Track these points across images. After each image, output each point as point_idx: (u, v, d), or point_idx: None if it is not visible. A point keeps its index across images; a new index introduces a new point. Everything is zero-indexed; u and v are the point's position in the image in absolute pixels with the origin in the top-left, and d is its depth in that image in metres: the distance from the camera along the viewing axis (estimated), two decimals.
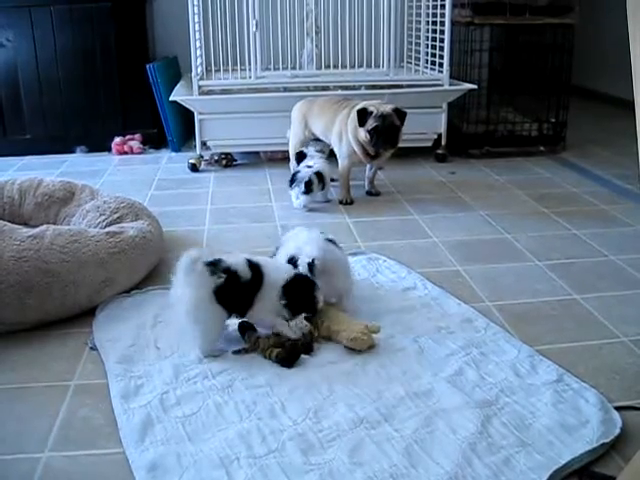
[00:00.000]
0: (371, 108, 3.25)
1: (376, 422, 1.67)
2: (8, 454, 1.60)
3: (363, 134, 3.28)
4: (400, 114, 3.29)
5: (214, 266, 1.95)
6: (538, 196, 3.51)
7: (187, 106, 4.03)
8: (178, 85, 4.34)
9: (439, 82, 4.13)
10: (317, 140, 3.66)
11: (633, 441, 1.59)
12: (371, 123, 3.24)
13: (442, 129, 4.18)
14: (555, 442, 1.58)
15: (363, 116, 3.25)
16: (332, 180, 3.49)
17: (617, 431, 1.62)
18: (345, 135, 3.39)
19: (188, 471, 1.50)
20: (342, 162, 3.46)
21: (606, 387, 1.81)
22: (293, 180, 3.31)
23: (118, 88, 4.56)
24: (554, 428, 1.64)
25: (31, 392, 1.85)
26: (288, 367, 1.91)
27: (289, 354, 1.92)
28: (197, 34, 3.97)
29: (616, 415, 1.68)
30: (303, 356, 1.95)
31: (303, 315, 2.01)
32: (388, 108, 3.26)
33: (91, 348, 2.06)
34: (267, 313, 2.00)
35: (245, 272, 1.97)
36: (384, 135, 3.27)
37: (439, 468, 1.51)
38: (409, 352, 1.99)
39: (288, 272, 2.03)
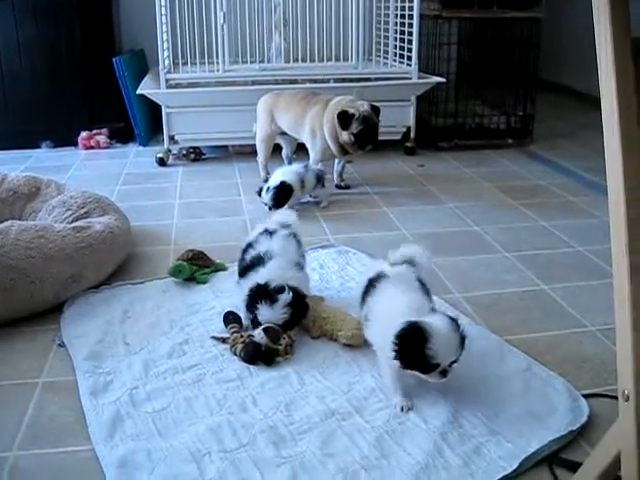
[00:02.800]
0: (352, 110, 3.25)
1: (347, 414, 1.67)
2: None
3: (346, 137, 3.29)
4: (376, 111, 3.32)
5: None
6: (506, 188, 3.54)
7: (154, 100, 3.99)
8: (145, 78, 4.30)
9: (408, 75, 4.14)
10: (284, 134, 3.65)
11: (600, 428, 1.61)
12: (356, 127, 3.25)
13: (411, 122, 4.19)
14: (524, 430, 1.60)
15: (345, 119, 3.26)
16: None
17: (584, 419, 1.64)
18: (319, 132, 3.39)
19: (159, 466, 1.49)
20: (314, 157, 3.46)
21: (574, 375, 1.83)
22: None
23: (84, 82, 4.50)
24: (523, 417, 1.65)
25: None
26: (249, 364, 1.90)
27: (247, 353, 1.91)
28: (164, 27, 3.93)
29: (584, 403, 1.70)
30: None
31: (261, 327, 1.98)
32: (366, 107, 3.28)
33: (59, 345, 2.03)
34: None
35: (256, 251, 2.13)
36: (368, 136, 3.30)
37: (410, 458, 1.51)
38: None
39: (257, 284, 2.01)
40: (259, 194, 3.16)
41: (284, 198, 3.08)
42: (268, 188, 3.09)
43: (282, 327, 1.97)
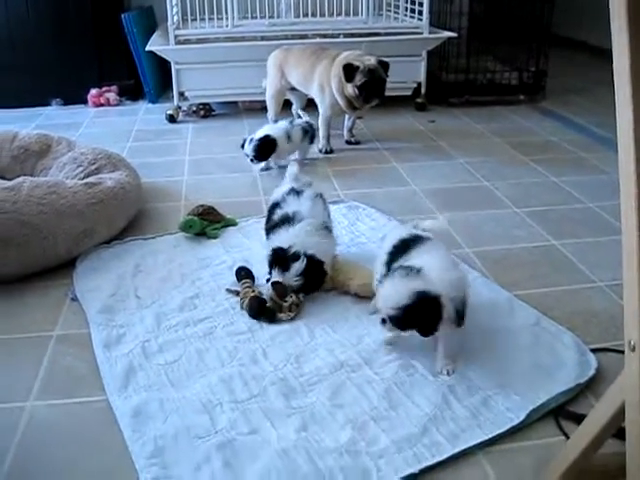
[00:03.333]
0: (356, 63, 3.21)
1: (357, 366, 1.69)
2: None
3: (351, 89, 3.25)
4: (384, 66, 3.27)
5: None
6: (517, 144, 3.52)
7: (164, 56, 3.97)
8: (154, 35, 4.26)
9: (418, 30, 4.09)
10: (293, 89, 3.63)
11: (607, 382, 1.62)
12: (360, 79, 3.21)
13: (422, 78, 4.15)
14: (532, 383, 1.62)
15: (350, 72, 3.22)
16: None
17: (592, 372, 1.65)
18: (327, 87, 3.36)
19: (171, 416, 1.53)
20: (324, 112, 3.44)
21: (582, 330, 1.84)
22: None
23: (93, 39, 4.47)
24: (531, 370, 1.67)
25: (13, 343, 1.86)
26: (253, 318, 1.91)
27: (252, 308, 1.92)
28: None
29: (591, 357, 1.71)
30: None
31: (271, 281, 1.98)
32: (373, 61, 3.23)
33: (72, 299, 2.06)
34: None
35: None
36: (373, 89, 3.25)
37: (419, 410, 1.54)
38: None
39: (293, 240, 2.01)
40: (242, 146, 3.11)
41: (267, 151, 3.05)
42: (251, 140, 3.06)
43: (296, 291, 1.97)
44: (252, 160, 3.07)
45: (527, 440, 1.48)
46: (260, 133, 3.08)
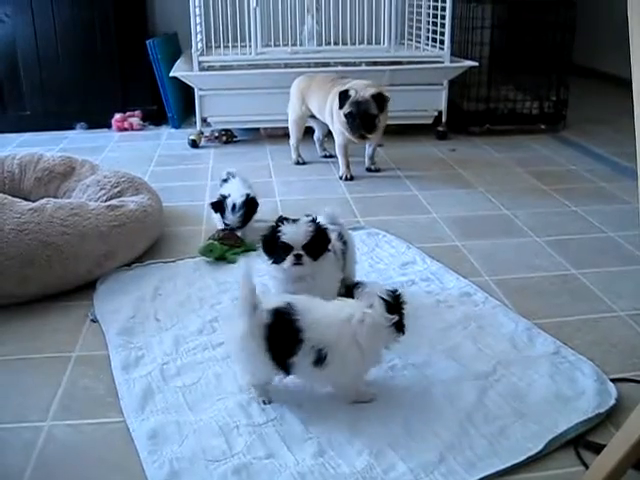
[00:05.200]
0: (351, 91, 3.21)
1: (374, 393, 1.68)
2: (11, 423, 1.62)
3: (342, 116, 3.26)
4: (380, 100, 3.22)
5: None
6: (538, 173, 3.51)
7: (187, 82, 4.02)
8: (178, 61, 4.33)
9: (440, 59, 4.11)
10: (315, 117, 3.65)
11: (627, 412, 1.59)
12: (346, 108, 3.22)
13: (443, 106, 4.17)
14: (551, 412, 1.60)
15: (343, 99, 3.23)
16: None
17: (612, 402, 1.64)
18: (336, 114, 3.38)
19: (188, 439, 1.53)
20: (337, 139, 3.46)
21: (602, 360, 1.82)
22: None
23: (118, 64, 4.56)
24: (550, 399, 1.66)
25: (33, 363, 1.87)
26: None
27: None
28: (197, 10, 3.96)
29: (612, 387, 1.70)
30: None
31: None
32: (368, 93, 3.20)
33: (92, 320, 2.08)
34: None
35: None
36: (359, 122, 3.24)
37: (436, 437, 1.53)
38: (407, 325, 1.99)
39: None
40: (215, 208, 2.64)
41: (252, 214, 2.65)
42: (234, 207, 2.57)
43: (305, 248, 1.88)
44: (233, 229, 2.59)
45: (546, 470, 1.46)
46: (235, 194, 2.61)
